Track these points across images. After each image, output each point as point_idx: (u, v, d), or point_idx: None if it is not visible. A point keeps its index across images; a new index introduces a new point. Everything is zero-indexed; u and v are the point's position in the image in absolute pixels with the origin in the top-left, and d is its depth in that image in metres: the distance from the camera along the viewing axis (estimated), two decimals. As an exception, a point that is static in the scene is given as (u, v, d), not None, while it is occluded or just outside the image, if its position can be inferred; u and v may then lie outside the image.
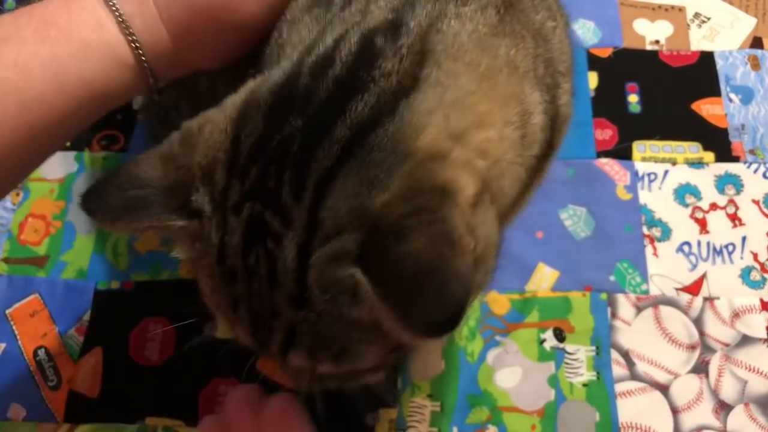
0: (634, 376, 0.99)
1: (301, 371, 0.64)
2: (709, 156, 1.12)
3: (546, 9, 0.71)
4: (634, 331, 1.02)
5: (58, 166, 1.16)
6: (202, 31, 0.71)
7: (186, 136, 0.59)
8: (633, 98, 1.16)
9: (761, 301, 1.03)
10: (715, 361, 1.00)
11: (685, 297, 1.03)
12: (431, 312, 0.48)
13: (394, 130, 0.54)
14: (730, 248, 1.06)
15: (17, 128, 0.65)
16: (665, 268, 1.05)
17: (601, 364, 1.00)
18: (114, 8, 0.68)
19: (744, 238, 1.07)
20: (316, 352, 0.58)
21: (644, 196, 1.09)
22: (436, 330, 0.49)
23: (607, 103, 1.16)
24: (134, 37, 0.68)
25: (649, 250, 1.06)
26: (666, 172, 1.11)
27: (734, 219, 1.08)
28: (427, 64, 0.57)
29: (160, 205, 0.58)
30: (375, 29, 0.58)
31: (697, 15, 1.26)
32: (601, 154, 1.12)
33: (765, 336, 1.01)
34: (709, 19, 1.25)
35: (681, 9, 1.26)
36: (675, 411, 0.97)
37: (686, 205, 1.09)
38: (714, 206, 1.09)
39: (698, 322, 1.02)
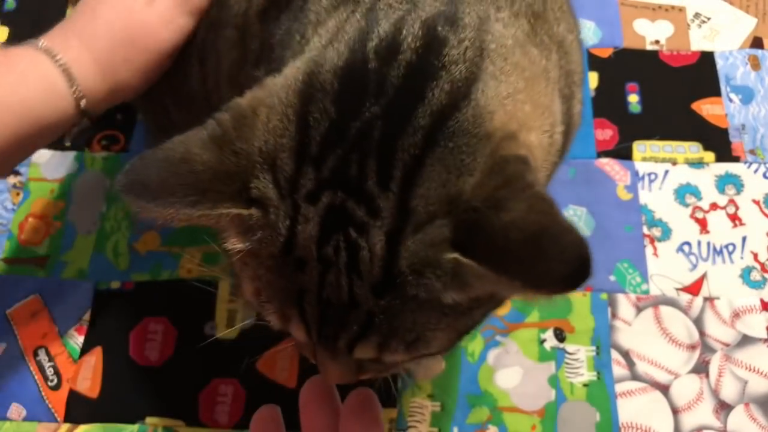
0: (635, 376, 0.99)
1: (347, 365, 0.63)
2: (710, 156, 1.12)
3: (565, 21, 0.71)
4: (635, 331, 1.02)
5: (59, 166, 1.16)
6: (124, 59, 0.83)
7: (239, 118, 0.56)
8: (633, 98, 1.16)
9: (761, 301, 1.03)
10: (715, 361, 1.00)
11: (685, 297, 1.03)
12: (559, 268, 0.49)
13: (471, 114, 0.54)
14: (731, 248, 1.06)
15: None
16: (665, 268, 1.05)
17: (601, 364, 1.00)
18: (57, 59, 0.80)
19: (744, 238, 1.07)
20: (390, 341, 0.57)
21: (644, 196, 1.09)
22: (571, 284, 0.49)
23: (608, 103, 1.16)
24: (75, 81, 0.80)
25: (649, 250, 1.06)
26: (666, 172, 1.11)
27: (734, 219, 1.08)
28: (485, 58, 0.57)
29: (217, 192, 0.55)
30: (434, 18, 0.57)
31: (697, 15, 1.26)
32: (601, 154, 1.12)
33: (765, 336, 1.01)
34: (709, 19, 1.25)
35: (681, 9, 1.26)
36: (675, 411, 0.97)
37: (686, 205, 1.09)
38: (714, 206, 1.09)
39: (698, 322, 1.02)
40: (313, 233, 0.54)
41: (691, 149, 1.12)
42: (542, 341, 1.01)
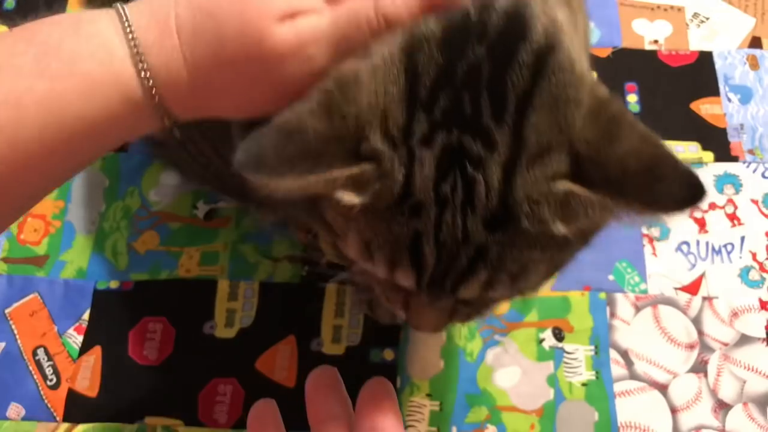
0: (633, 376, 0.99)
1: (444, 310, 0.65)
2: (708, 156, 1.12)
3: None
4: (633, 331, 1.02)
5: (58, 165, 1.16)
6: (229, 82, 0.63)
7: (343, 84, 0.57)
8: (632, 98, 1.16)
9: (760, 300, 1.03)
10: (714, 361, 1.00)
11: (684, 296, 1.04)
12: (677, 190, 0.53)
13: (566, 56, 0.58)
14: (729, 248, 1.06)
15: (9, 168, 0.60)
16: (664, 268, 1.05)
17: (600, 363, 1.00)
18: (131, 37, 0.61)
19: (743, 238, 1.07)
20: (496, 276, 0.59)
21: (643, 196, 1.09)
22: (689, 202, 0.53)
23: (607, 103, 1.16)
24: (148, 74, 0.61)
25: (648, 249, 1.06)
26: (665, 171, 1.11)
27: (733, 218, 1.08)
28: (557, 12, 0.61)
29: (330, 156, 0.56)
30: None
31: (696, 15, 1.26)
32: (600, 154, 1.12)
33: (764, 335, 1.01)
34: (708, 18, 1.25)
35: (680, 9, 1.26)
36: (674, 410, 0.97)
37: (685, 205, 1.09)
38: (713, 206, 1.09)
39: (697, 321, 1.02)
40: (429, 175, 0.56)
41: (690, 149, 1.12)
42: (541, 341, 1.01)
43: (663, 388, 0.99)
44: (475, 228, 0.56)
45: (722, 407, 0.98)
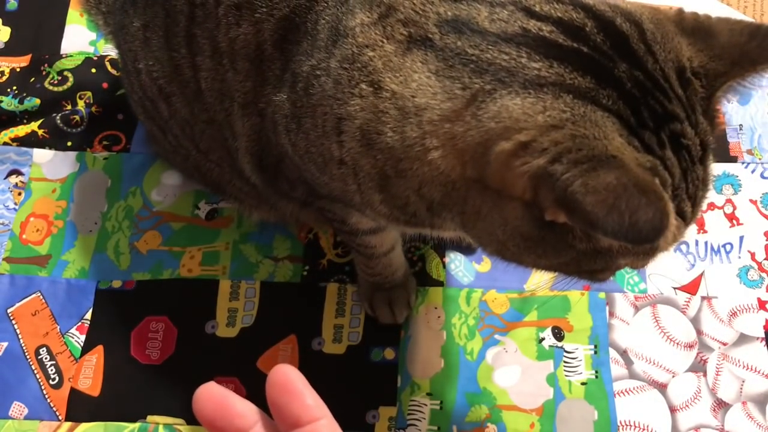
0: (633, 375, 1.00)
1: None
2: (708, 156, 1.12)
3: None
4: (633, 330, 1.02)
5: (60, 166, 1.16)
6: None
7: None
8: (631, 98, 1.17)
9: (759, 300, 1.03)
10: (713, 360, 1.00)
11: (683, 296, 1.04)
12: None
13: (643, 20, 0.65)
14: (728, 247, 1.07)
15: None
16: (663, 268, 1.05)
17: (599, 362, 1.00)
18: None
19: (741, 238, 1.07)
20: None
21: (643, 196, 1.09)
22: None
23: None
24: None
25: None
26: (664, 171, 1.11)
27: (732, 218, 1.09)
28: None
29: None
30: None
31: (695, 15, 1.26)
32: (599, 154, 1.12)
33: (762, 335, 1.02)
34: (707, 19, 1.26)
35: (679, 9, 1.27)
36: (673, 409, 0.98)
37: (684, 205, 1.09)
38: (712, 206, 1.09)
39: (696, 321, 1.02)
40: (674, 162, 0.62)
41: (689, 149, 1.13)
42: (541, 340, 1.02)
43: (662, 387, 0.99)
44: (702, 172, 0.64)
45: (721, 406, 0.98)
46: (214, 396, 0.50)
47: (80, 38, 1.27)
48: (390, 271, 1.01)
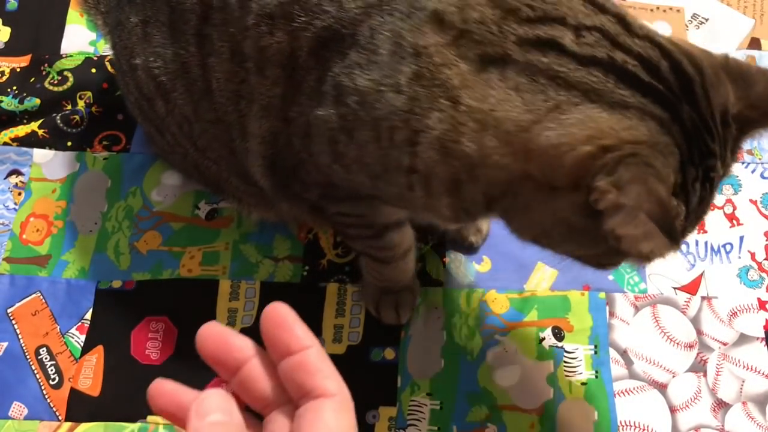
0: (633, 375, 1.00)
1: None
2: (708, 156, 1.12)
3: None
4: (633, 330, 1.02)
5: (60, 166, 1.16)
6: None
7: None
8: (632, 99, 1.17)
9: (759, 300, 1.03)
10: (713, 360, 1.00)
11: (683, 296, 1.04)
12: None
13: (703, 67, 0.71)
14: (728, 248, 1.07)
15: None
16: (663, 268, 1.05)
17: (599, 362, 1.00)
18: None
19: (742, 238, 1.07)
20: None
21: (643, 196, 1.09)
22: None
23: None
24: None
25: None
26: (664, 172, 1.11)
27: (732, 219, 1.09)
28: None
29: None
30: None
31: (695, 16, 1.26)
32: (600, 154, 1.12)
33: (762, 335, 1.02)
34: (707, 20, 1.26)
35: (679, 10, 1.27)
36: (673, 409, 0.98)
37: (684, 205, 1.09)
38: (712, 206, 1.08)
39: (696, 321, 1.02)
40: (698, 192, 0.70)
41: (689, 149, 1.13)
42: (541, 340, 1.02)
43: (662, 387, 0.99)
44: (712, 198, 0.74)
45: (721, 406, 0.98)
46: (214, 333, 0.54)
47: (80, 38, 1.28)
48: (402, 275, 1.01)
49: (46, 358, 1.03)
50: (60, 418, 1.00)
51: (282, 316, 0.54)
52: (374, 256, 0.98)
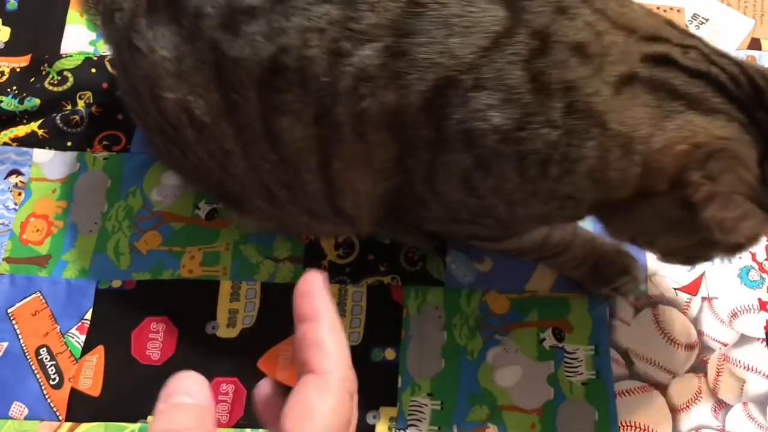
0: (633, 375, 1.00)
1: None
2: (708, 156, 1.12)
3: None
4: (633, 331, 1.02)
5: (60, 166, 1.16)
6: None
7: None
8: (632, 99, 1.17)
9: (759, 300, 1.03)
10: (713, 361, 1.00)
11: (683, 297, 1.04)
12: None
13: None
14: (729, 248, 1.07)
15: None
16: (664, 268, 1.05)
17: (600, 363, 1.00)
18: None
19: (742, 238, 1.07)
20: None
21: (643, 197, 1.09)
22: None
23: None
24: None
25: (648, 249, 1.07)
26: (665, 172, 1.11)
27: (733, 219, 1.09)
28: None
29: None
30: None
31: (695, 16, 1.26)
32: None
33: (763, 335, 1.02)
34: (707, 20, 1.26)
35: (679, 10, 1.27)
36: (674, 410, 0.98)
37: (685, 206, 1.09)
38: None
39: (697, 321, 1.03)
40: None
41: (690, 150, 1.13)
42: (541, 340, 1.02)
43: (663, 388, 0.99)
44: None
45: (722, 407, 0.98)
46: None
47: (80, 38, 1.27)
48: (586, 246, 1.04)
49: (46, 358, 1.03)
50: (60, 418, 0.99)
51: (308, 284, 0.55)
52: (548, 255, 1.01)
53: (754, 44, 1.24)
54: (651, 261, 1.06)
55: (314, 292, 0.55)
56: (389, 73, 0.76)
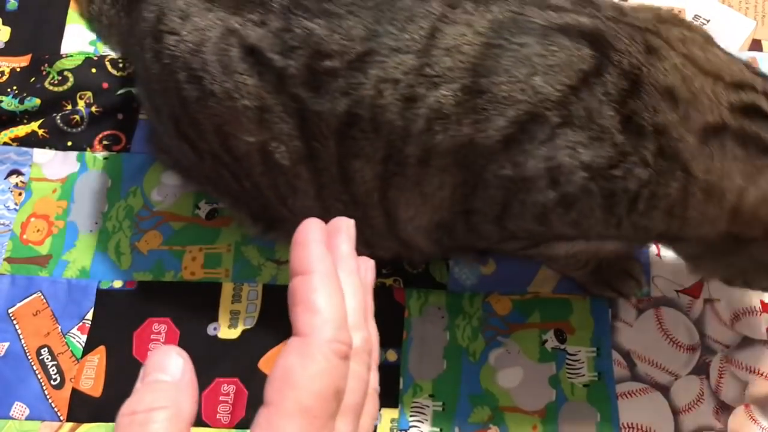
0: (635, 377, 1.00)
1: None
2: (709, 158, 1.12)
3: None
4: (636, 333, 1.02)
5: (60, 166, 1.16)
6: None
7: None
8: (633, 100, 1.17)
9: (762, 302, 1.03)
10: (715, 363, 1.00)
11: (685, 299, 1.04)
12: None
13: None
14: (731, 250, 1.07)
15: None
16: (666, 270, 1.05)
17: (602, 365, 1.00)
18: None
19: (744, 240, 1.07)
20: None
21: (645, 198, 1.09)
22: None
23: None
24: None
25: (652, 251, 1.06)
26: (666, 173, 1.11)
27: (734, 221, 1.09)
28: None
29: None
30: None
31: (696, 17, 1.26)
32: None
33: (765, 337, 1.02)
34: (708, 21, 1.26)
35: (680, 11, 1.27)
36: (676, 412, 0.98)
37: (687, 207, 1.09)
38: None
39: (699, 323, 1.02)
40: None
41: (691, 151, 1.13)
42: (543, 342, 1.02)
43: (665, 390, 0.99)
44: None
45: (724, 409, 0.98)
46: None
47: (80, 38, 1.27)
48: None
49: (47, 359, 1.02)
50: (61, 418, 0.99)
51: (304, 232, 0.51)
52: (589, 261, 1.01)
53: (755, 45, 1.24)
54: (653, 262, 1.06)
55: (309, 241, 0.50)
56: (465, 110, 0.78)
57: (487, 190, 0.82)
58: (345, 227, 0.56)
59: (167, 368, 0.49)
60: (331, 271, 0.50)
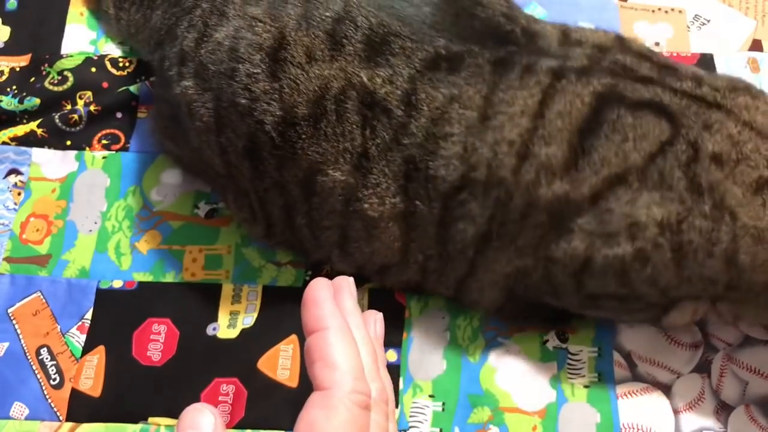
0: (636, 377, 0.99)
1: None
2: (710, 158, 1.12)
3: None
4: (637, 332, 1.02)
5: (59, 165, 1.16)
6: None
7: None
8: (634, 100, 1.17)
9: (763, 302, 1.03)
10: (717, 361, 1.00)
11: (686, 298, 1.04)
12: None
13: None
14: (732, 250, 1.07)
15: None
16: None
17: (603, 365, 1.00)
18: None
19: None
20: None
21: (645, 198, 1.09)
22: None
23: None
24: None
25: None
26: (667, 173, 1.11)
27: (735, 221, 1.08)
28: None
29: None
30: None
31: (697, 17, 1.26)
32: (602, 156, 1.12)
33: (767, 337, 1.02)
34: (709, 21, 1.26)
35: (681, 11, 1.27)
36: (676, 412, 0.98)
37: (687, 207, 1.09)
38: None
39: (701, 322, 1.02)
40: None
41: (692, 151, 1.12)
42: (544, 342, 1.02)
43: (666, 389, 0.99)
44: None
45: (724, 409, 0.98)
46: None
47: (80, 38, 1.27)
48: None
49: (46, 358, 1.02)
50: (61, 418, 0.99)
51: (312, 293, 0.54)
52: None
53: (756, 45, 1.24)
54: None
55: (319, 300, 0.54)
56: (566, 167, 0.86)
57: (572, 242, 0.88)
58: (347, 285, 0.62)
59: (200, 425, 0.51)
60: (344, 326, 0.54)
